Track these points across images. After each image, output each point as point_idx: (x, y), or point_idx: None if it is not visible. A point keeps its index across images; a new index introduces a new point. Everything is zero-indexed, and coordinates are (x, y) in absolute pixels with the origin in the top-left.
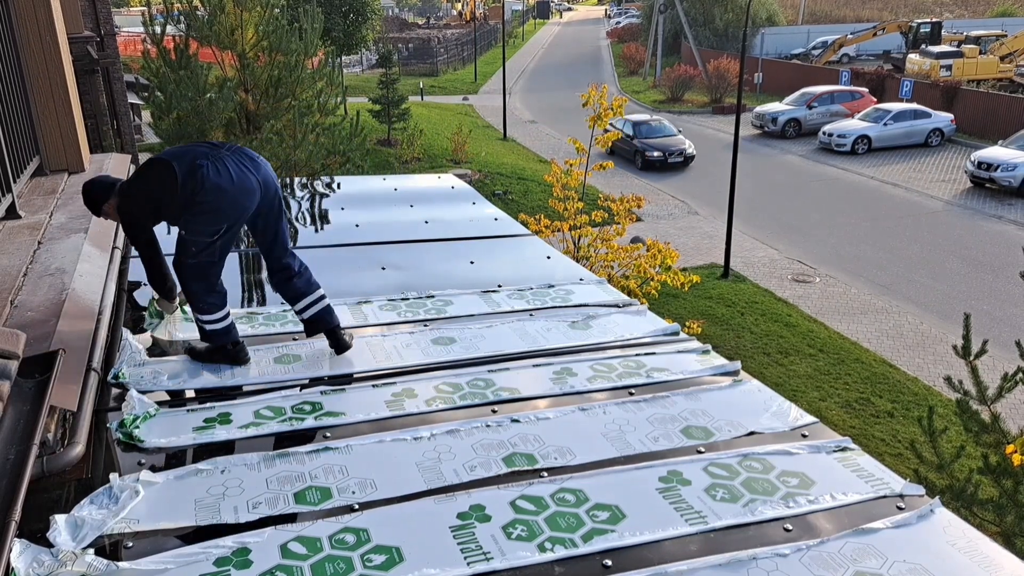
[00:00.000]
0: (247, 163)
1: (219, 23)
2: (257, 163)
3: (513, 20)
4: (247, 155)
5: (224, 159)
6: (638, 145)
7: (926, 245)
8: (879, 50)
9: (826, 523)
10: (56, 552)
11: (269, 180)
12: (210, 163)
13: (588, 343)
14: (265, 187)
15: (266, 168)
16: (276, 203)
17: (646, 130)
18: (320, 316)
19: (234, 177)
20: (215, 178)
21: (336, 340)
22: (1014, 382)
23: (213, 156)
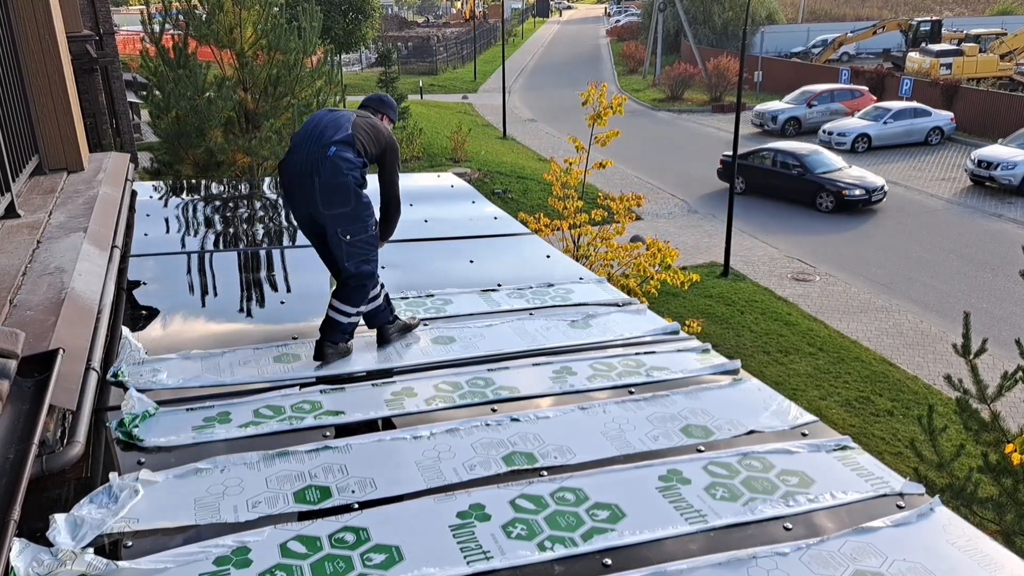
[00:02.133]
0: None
1: (218, 22)
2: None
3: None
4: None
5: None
6: (824, 181)
7: (926, 244)
8: (879, 48)
9: (826, 522)
10: (56, 551)
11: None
12: None
13: (588, 342)
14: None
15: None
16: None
17: (815, 161)
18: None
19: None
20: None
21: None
22: (1014, 381)
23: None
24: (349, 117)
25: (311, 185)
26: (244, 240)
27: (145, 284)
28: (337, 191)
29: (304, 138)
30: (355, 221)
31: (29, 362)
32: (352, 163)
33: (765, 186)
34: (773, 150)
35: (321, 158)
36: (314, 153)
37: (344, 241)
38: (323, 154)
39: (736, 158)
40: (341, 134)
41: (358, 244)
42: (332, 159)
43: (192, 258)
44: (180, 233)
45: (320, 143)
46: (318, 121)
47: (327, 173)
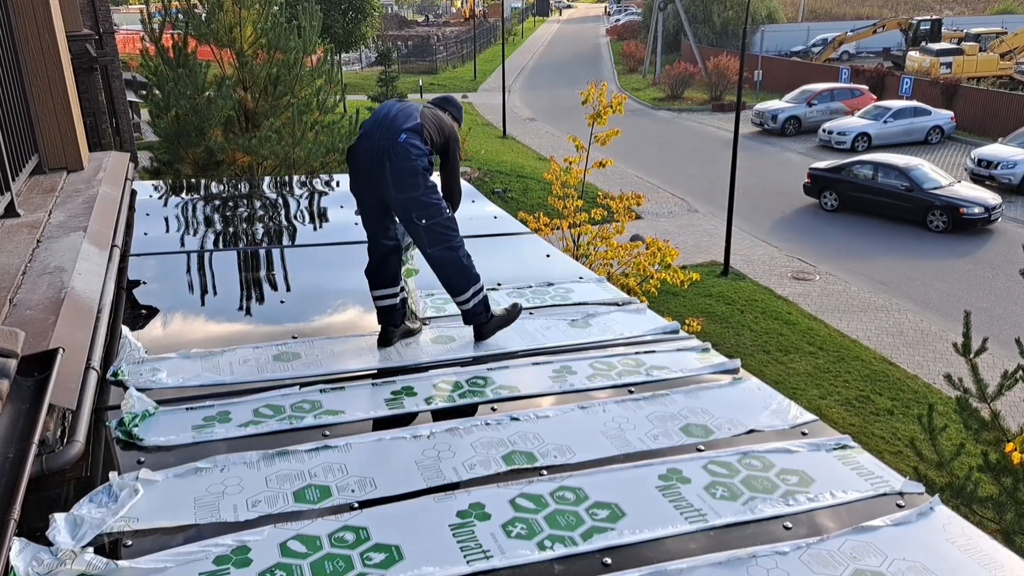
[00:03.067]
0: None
1: (218, 21)
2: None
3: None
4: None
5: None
6: (936, 198)
7: (926, 243)
8: (879, 47)
9: (826, 521)
10: (55, 551)
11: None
12: None
13: (587, 341)
14: None
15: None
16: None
17: (922, 176)
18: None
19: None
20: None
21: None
22: (1014, 380)
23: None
24: (418, 108)
25: (382, 170)
26: (244, 239)
27: (145, 283)
28: (407, 175)
29: (375, 125)
30: (426, 205)
31: (29, 361)
32: (421, 150)
33: (862, 202)
34: (872, 163)
35: (392, 144)
36: (385, 139)
37: (421, 226)
38: (394, 140)
39: (736, 155)
40: (411, 123)
41: (437, 228)
42: (403, 145)
43: (192, 257)
44: (180, 232)
45: (391, 130)
46: (388, 110)
47: (398, 158)
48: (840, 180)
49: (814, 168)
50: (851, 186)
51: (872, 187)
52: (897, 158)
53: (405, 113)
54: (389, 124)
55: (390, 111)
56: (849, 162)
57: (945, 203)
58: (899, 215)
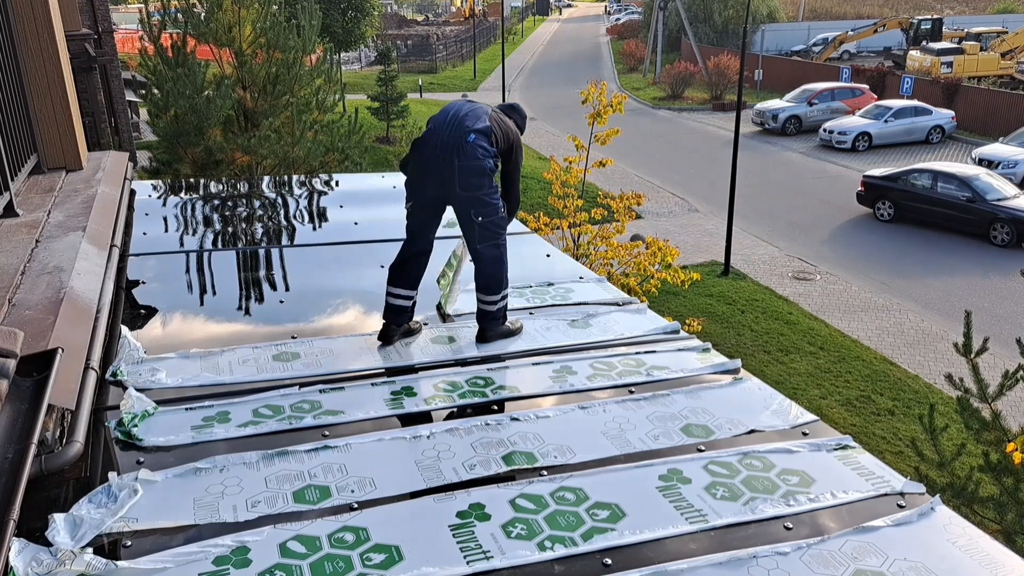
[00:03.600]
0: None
1: (217, 20)
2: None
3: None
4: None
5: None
6: (1001, 210)
7: (927, 242)
8: (880, 47)
9: (827, 521)
10: (55, 551)
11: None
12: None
13: (588, 341)
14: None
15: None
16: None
17: (985, 186)
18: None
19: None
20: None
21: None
22: (1015, 380)
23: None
24: (487, 111)
25: (451, 167)
26: (243, 239)
27: (144, 283)
28: (474, 173)
29: (444, 123)
30: (487, 204)
31: (28, 361)
32: (487, 151)
33: (920, 213)
34: (931, 172)
35: (462, 143)
36: (454, 137)
37: (476, 223)
38: (464, 139)
39: (736, 154)
40: (480, 124)
41: (489, 226)
42: (472, 144)
43: (191, 257)
44: (179, 232)
45: (461, 129)
46: (458, 109)
47: (466, 156)
48: (896, 189)
49: (869, 176)
50: (908, 195)
51: (931, 197)
52: (958, 167)
53: (474, 114)
54: (458, 123)
55: (460, 110)
56: (906, 170)
57: (1010, 215)
58: (960, 227)
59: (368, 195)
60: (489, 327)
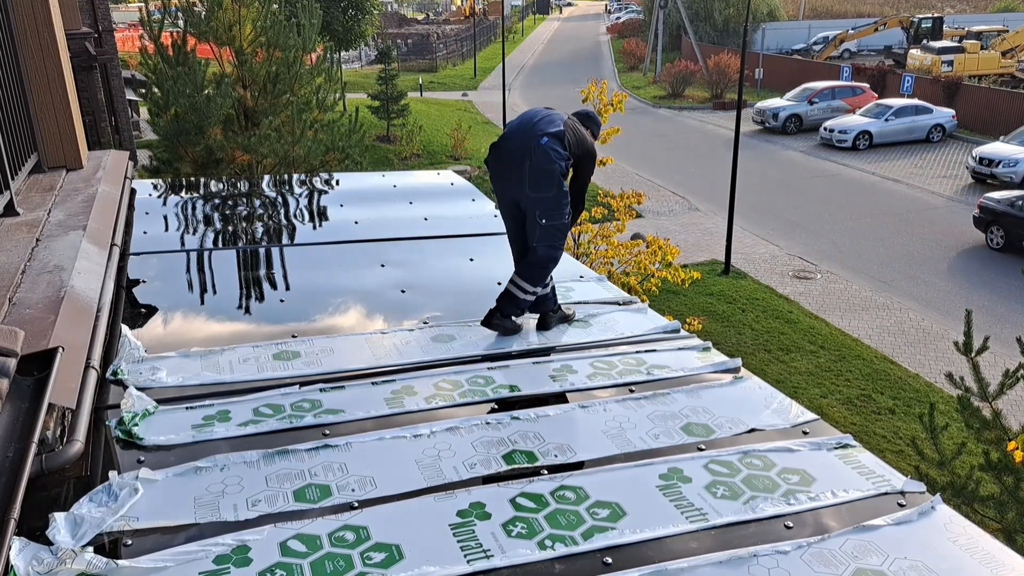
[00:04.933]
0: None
1: (217, 19)
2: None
3: (512, 16)
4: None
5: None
6: None
7: (927, 241)
8: (880, 45)
9: (827, 520)
10: (55, 550)
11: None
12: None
13: (588, 340)
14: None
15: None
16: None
17: None
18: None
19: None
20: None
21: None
22: (1015, 379)
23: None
24: (562, 117)
25: (522, 168)
26: (243, 238)
27: (144, 282)
28: (544, 176)
29: (519, 127)
30: (555, 207)
31: (28, 360)
32: (560, 154)
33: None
34: None
35: (535, 145)
36: (528, 140)
37: (540, 224)
38: (536, 142)
39: (737, 153)
40: (554, 128)
41: (552, 229)
42: (544, 147)
43: (191, 256)
44: (179, 231)
45: (534, 132)
46: (534, 115)
47: (538, 159)
48: (1009, 215)
49: (986, 198)
50: (1019, 222)
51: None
52: None
53: (549, 119)
54: (532, 127)
55: (535, 115)
56: (1019, 196)
57: None
58: None
59: (368, 194)
60: (505, 310)
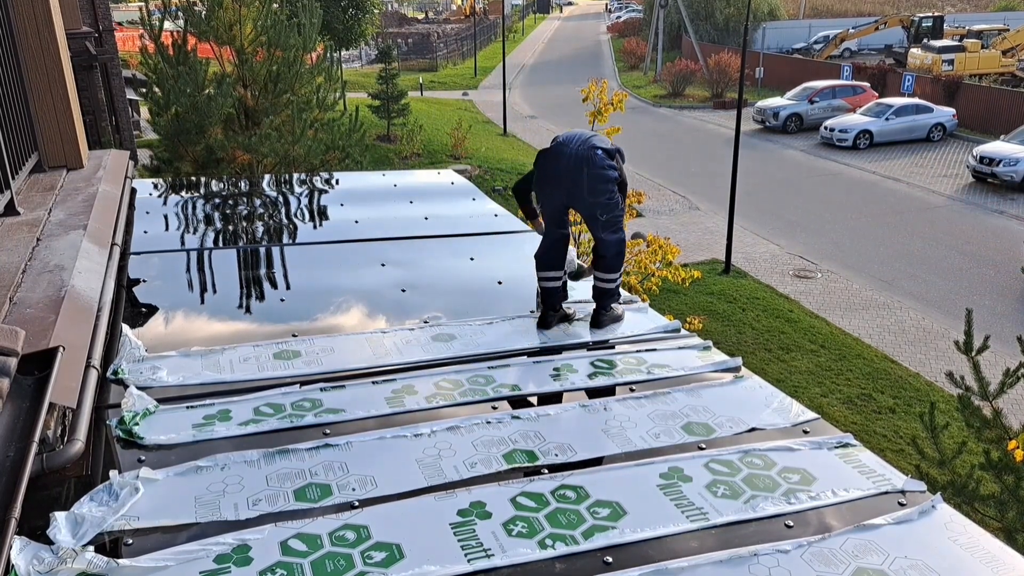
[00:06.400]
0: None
1: (217, 18)
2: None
3: (513, 15)
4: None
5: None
6: None
7: (928, 240)
8: (881, 44)
9: (828, 519)
10: (56, 549)
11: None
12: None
13: (588, 340)
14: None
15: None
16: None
17: None
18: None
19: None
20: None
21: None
22: (1016, 378)
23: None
24: (606, 140)
25: (580, 175)
26: (244, 237)
27: (145, 281)
28: (601, 181)
29: (572, 138)
30: (612, 208)
31: (29, 360)
32: (612, 165)
33: None
34: None
35: (591, 155)
36: (583, 149)
37: (601, 220)
38: (592, 152)
39: (737, 152)
40: (606, 144)
41: (611, 220)
42: (600, 156)
43: (192, 255)
44: (180, 230)
45: (588, 144)
46: (583, 132)
47: (595, 166)
48: None
49: None
50: None
51: None
52: None
53: (600, 138)
54: (586, 139)
55: (585, 132)
56: None
57: None
58: None
59: (369, 193)
60: (605, 304)
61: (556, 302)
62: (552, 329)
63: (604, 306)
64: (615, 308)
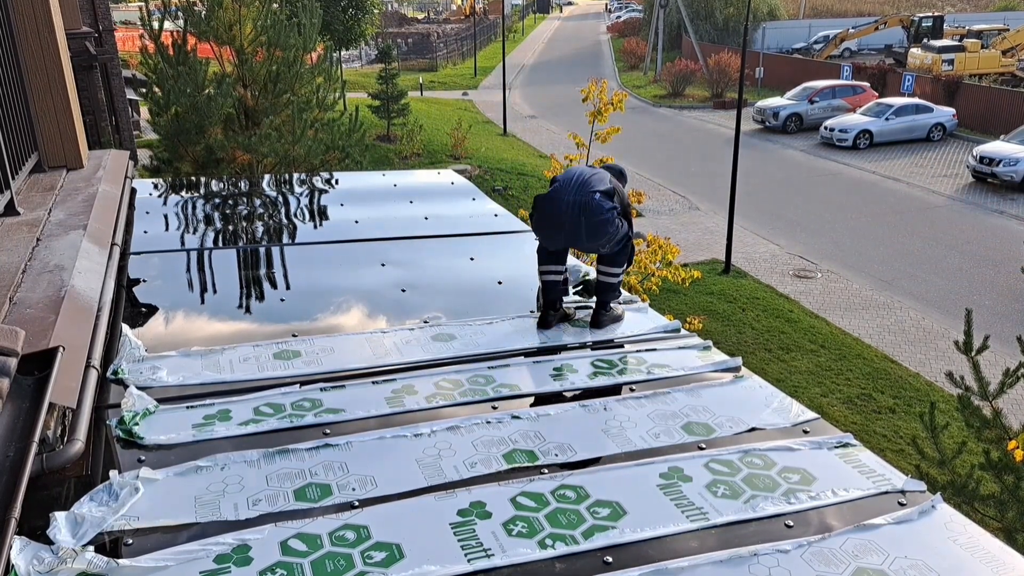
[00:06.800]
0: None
1: (217, 18)
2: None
3: (513, 15)
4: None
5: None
6: None
7: (928, 240)
8: (881, 44)
9: (828, 519)
10: (56, 549)
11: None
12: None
13: (588, 340)
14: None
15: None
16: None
17: None
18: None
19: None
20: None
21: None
22: (1016, 378)
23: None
24: (607, 176)
25: (579, 224)
26: (244, 237)
27: (145, 281)
28: (601, 225)
29: (568, 182)
30: (616, 241)
31: (29, 360)
32: (612, 206)
33: None
34: None
35: (589, 200)
36: (582, 195)
37: (605, 250)
38: (590, 197)
39: (737, 152)
40: (604, 186)
41: (616, 243)
42: (597, 201)
43: (192, 255)
44: (180, 230)
45: (586, 188)
46: (581, 172)
47: (593, 212)
48: None
49: None
50: None
51: None
52: None
53: (598, 178)
54: (584, 183)
55: (584, 173)
56: None
57: None
58: None
59: (369, 193)
60: (605, 302)
61: (556, 299)
62: (552, 329)
63: (604, 305)
64: (615, 308)
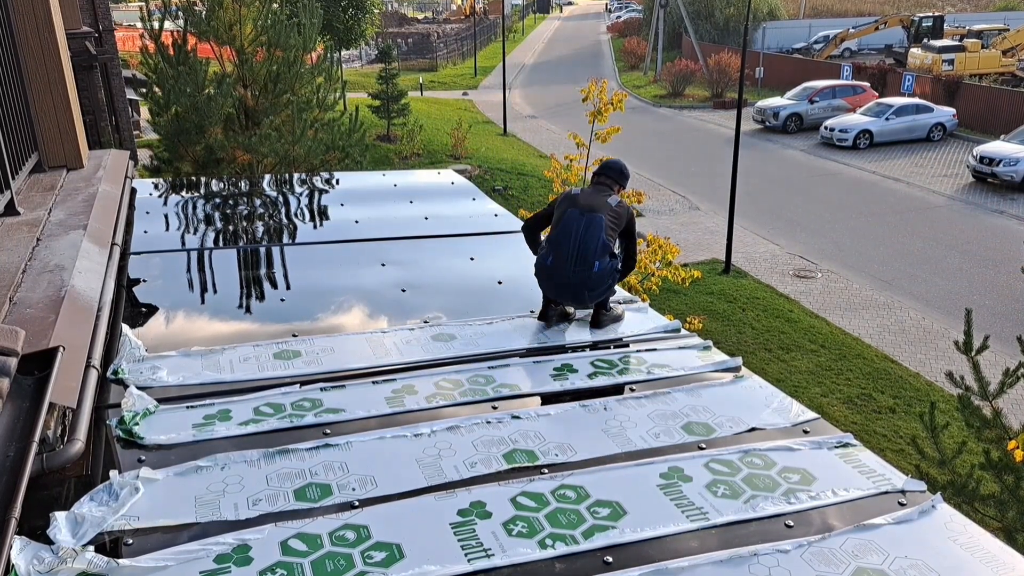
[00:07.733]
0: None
1: (217, 18)
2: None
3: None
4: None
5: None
6: None
7: (928, 240)
8: (881, 44)
9: (828, 519)
10: (56, 549)
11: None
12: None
13: (588, 340)
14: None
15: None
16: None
17: None
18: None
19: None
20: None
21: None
22: (1016, 377)
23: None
24: (601, 221)
25: (581, 294)
26: (244, 237)
27: (145, 281)
28: (603, 291)
29: (568, 256)
30: (608, 292)
31: (29, 360)
32: (613, 261)
33: None
34: None
35: (588, 276)
36: (581, 271)
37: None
38: (589, 272)
39: (737, 152)
40: (600, 241)
41: (608, 291)
42: (598, 274)
43: (192, 255)
44: (180, 230)
45: (585, 261)
46: (576, 228)
47: (595, 285)
48: None
49: None
50: None
51: None
52: None
53: (593, 234)
54: (580, 254)
55: (578, 229)
56: None
57: None
58: None
59: (369, 193)
60: (605, 302)
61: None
62: (552, 329)
63: (604, 305)
64: (615, 308)
